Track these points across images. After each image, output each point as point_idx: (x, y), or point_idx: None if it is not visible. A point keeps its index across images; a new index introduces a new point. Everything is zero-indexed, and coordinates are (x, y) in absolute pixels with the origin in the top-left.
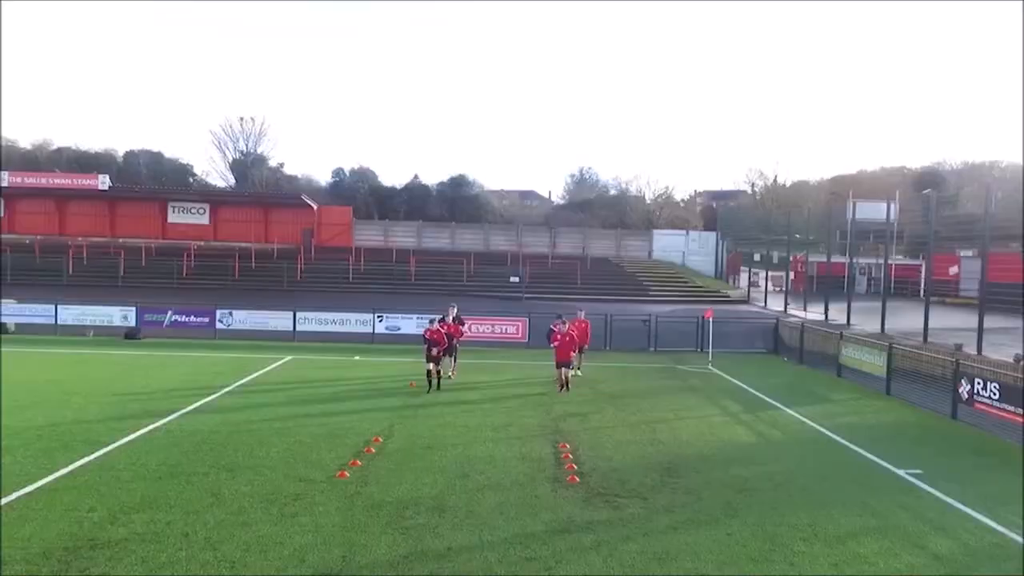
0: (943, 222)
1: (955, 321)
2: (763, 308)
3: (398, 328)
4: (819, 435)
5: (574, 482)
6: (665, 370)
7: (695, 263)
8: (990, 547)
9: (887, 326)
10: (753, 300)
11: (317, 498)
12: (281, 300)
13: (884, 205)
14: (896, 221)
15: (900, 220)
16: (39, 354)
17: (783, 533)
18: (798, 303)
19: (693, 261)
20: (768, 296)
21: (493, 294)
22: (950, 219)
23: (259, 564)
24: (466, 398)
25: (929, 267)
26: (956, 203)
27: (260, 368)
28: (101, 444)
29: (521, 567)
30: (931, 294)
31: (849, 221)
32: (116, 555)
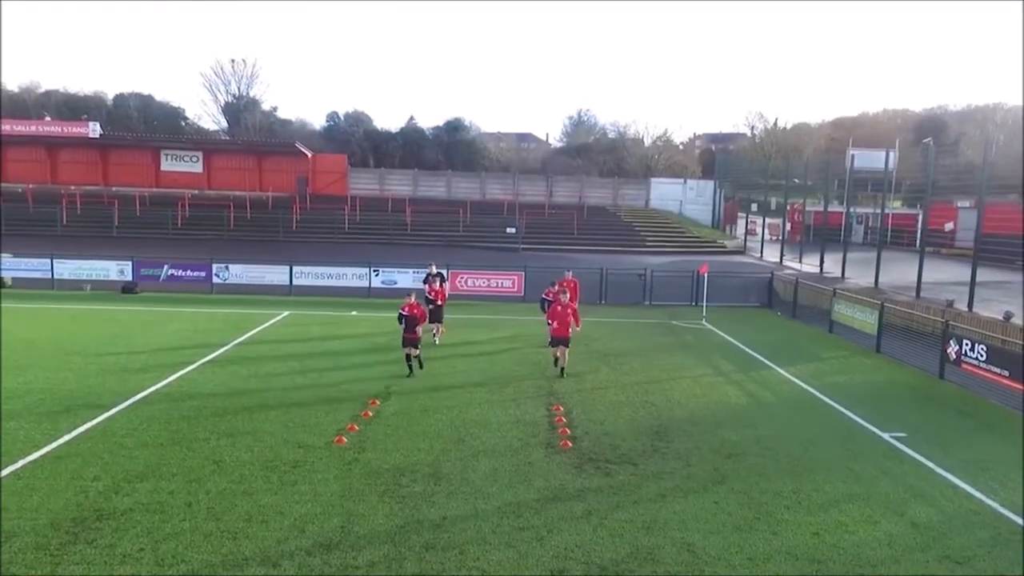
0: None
1: (949, 274)
2: (759, 259)
3: (394, 282)
4: (808, 396)
5: (567, 447)
6: (659, 326)
7: (692, 212)
8: (966, 514)
9: (881, 279)
10: (749, 251)
11: (316, 465)
12: (277, 252)
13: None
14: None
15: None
16: (37, 310)
17: (768, 501)
18: (794, 254)
19: (690, 210)
20: (764, 246)
21: (489, 245)
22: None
23: (260, 534)
24: (462, 357)
25: (926, 218)
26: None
27: (258, 324)
28: (103, 408)
29: (514, 536)
30: (927, 245)
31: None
32: (122, 526)
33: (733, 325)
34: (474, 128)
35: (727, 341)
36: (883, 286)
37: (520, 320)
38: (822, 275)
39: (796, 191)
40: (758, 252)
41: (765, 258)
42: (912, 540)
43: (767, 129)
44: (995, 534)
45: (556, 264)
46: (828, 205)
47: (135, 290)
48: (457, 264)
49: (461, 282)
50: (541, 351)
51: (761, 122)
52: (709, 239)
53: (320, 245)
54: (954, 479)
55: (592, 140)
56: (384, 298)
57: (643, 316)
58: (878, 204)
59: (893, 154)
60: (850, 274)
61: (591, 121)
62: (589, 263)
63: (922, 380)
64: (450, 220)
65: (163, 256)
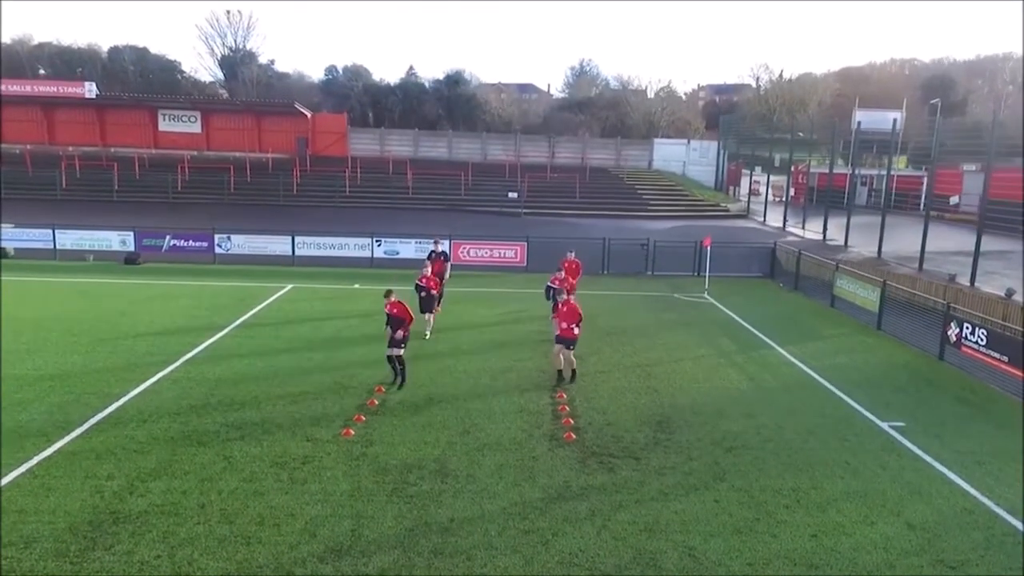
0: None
1: (953, 242)
2: (762, 223)
3: (396, 252)
4: (808, 379)
5: (570, 440)
6: (662, 300)
7: (696, 173)
8: (961, 513)
9: (885, 248)
10: (752, 214)
11: (325, 461)
12: (278, 219)
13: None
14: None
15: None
16: (41, 283)
17: (768, 500)
18: (797, 218)
19: (694, 171)
20: (768, 208)
21: (491, 209)
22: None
23: (273, 539)
24: (464, 339)
25: (932, 184)
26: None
27: (262, 299)
28: (112, 396)
29: (520, 540)
30: (931, 209)
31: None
32: (138, 530)
33: (735, 299)
34: (474, 80)
35: (729, 317)
36: (886, 256)
37: (522, 293)
38: (825, 243)
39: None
40: (761, 216)
41: (768, 223)
42: (907, 543)
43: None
44: (988, 535)
45: (558, 233)
46: (833, 167)
47: (138, 261)
48: (459, 234)
49: (463, 252)
50: (543, 332)
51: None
52: (712, 203)
53: (321, 210)
54: (950, 474)
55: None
56: (386, 268)
57: (645, 288)
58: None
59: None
60: (853, 242)
61: (593, 72)
62: (591, 230)
63: (922, 362)
64: (451, 183)
65: (164, 225)
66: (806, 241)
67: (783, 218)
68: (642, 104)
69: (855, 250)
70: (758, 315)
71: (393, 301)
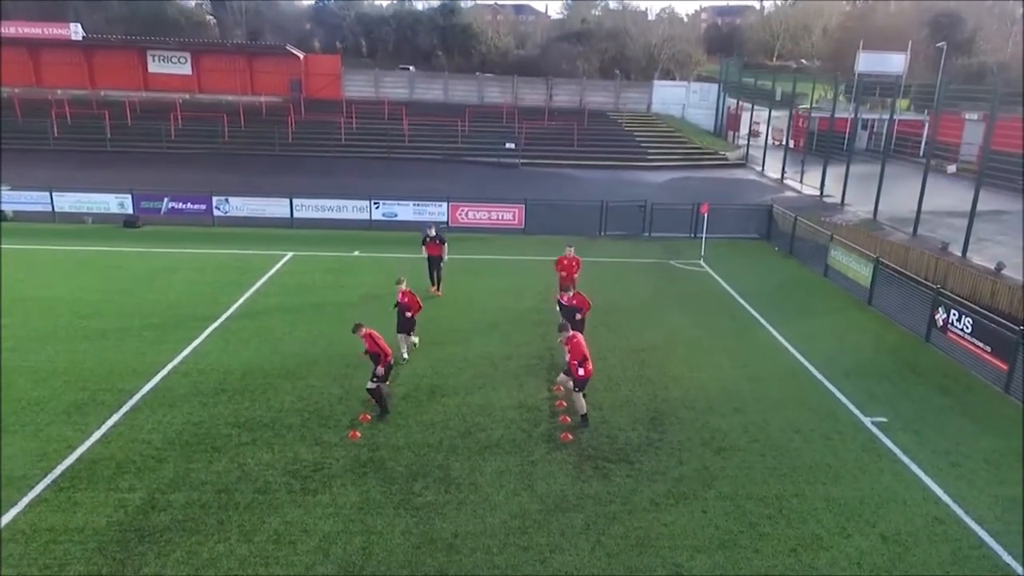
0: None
1: (950, 199)
2: (760, 174)
3: (395, 215)
4: (797, 368)
5: (567, 440)
6: (658, 268)
7: (695, 116)
8: (932, 523)
9: (881, 207)
10: (751, 161)
11: (334, 468)
12: (274, 170)
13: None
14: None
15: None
16: (42, 252)
17: (752, 509)
18: (796, 167)
19: (693, 114)
20: (767, 154)
21: (488, 159)
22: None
23: (289, 559)
24: (466, 319)
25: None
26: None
27: (263, 272)
28: (126, 393)
29: (519, 557)
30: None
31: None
32: (163, 550)
33: (730, 267)
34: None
35: (723, 290)
36: (882, 217)
37: (520, 261)
38: (822, 199)
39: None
40: (760, 164)
41: (767, 173)
42: (879, 557)
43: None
44: (955, 549)
45: (556, 188)
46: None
47: (137, 224)
48: (457, 196)
49: (462, 215)
50: (540, 309)
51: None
52: (710, 150)
53: (317, 160)
54: (926, 478)
55: (594, 25)
56: (384, 230)
57: (642, 254)
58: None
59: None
60: (851, 197)
61: None
62: (589, 185)
63: (909, 344)
64: (448, 130)
65: (160, 179)
66: (803, 197)
67: (782, 168)
68: (642, 35)
69: (851, 209)
70: (752, 287)
71: (364, 333)
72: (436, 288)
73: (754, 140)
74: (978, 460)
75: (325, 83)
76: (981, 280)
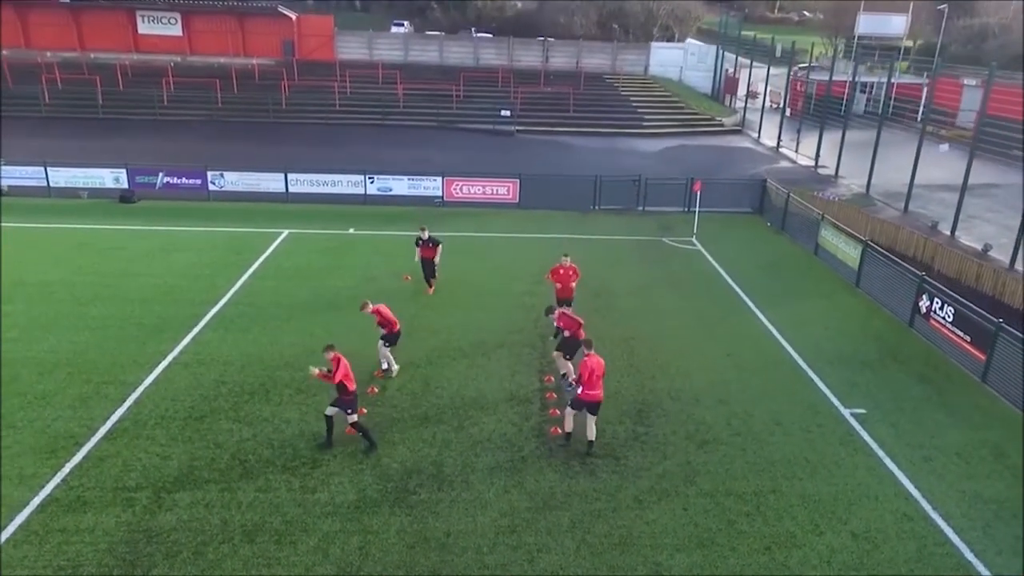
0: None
1: (943, 172)
2: (756, 141)
3: (389, 189)
4: (782, 356)
5: (556, 434)
6: (650, 247)
7: (693, 79)
8: (901, 520)
9: (875, 180)
10: (748, 127)
11: (332, 465)
12: (267, 138)
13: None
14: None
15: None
16: (40, 231)
17: (731, 506)
18: (792, 133)
19: (691, 77)
20: (764, 118)
21: (483, 126)
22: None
23: (291, 559)
24: (460, 305)
25: (931, 95)
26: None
27: (259, 252)
28: (129, 386)
29: (508, 556)
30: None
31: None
32: (170, 551)
33: (722, 245)
34: None
35: (714, 272)
36: (875, 191)
37: (513, 240)
38: (816, 171)
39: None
40: (756, 130)
41: (762, 140)
42: (848, 555)
43: None
44: (921, 546)
45: (551, 157)
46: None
47: (133, 199)
48: (452, 171)
49: (456, 189)
50: (532, 292)
51: None
52: (707, 116)
53: (310, 127)
54: (898, 473)
55: None
56: (379, 205)
57: (635, 230)
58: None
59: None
60: (845, 169)
61: None
62: (584, 153)
63: (893, 330)
64: (443, 95)
65: (156, 154)
66: (797, 168)
67: (778, 135)
68: None
69: (845, 182)
70: (743, 268)
71: (332, 356)
72: (430, 288)
73: (752, 103)
74: (950, 454)
75: (318, 44)
76: (967, 262)
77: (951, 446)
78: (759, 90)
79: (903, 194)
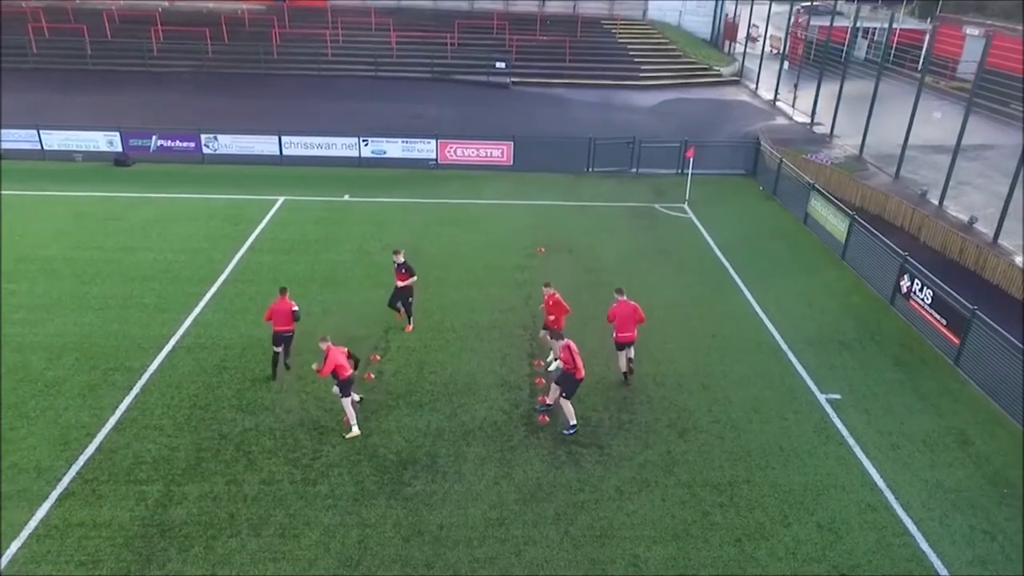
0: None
1: (938, 132)
2: (753, 93)
3: (383, 152)
4: (764, 338)
5: (544, 422)
6: (642, 215)
7: (692, 24)
8: (864, 511)
9: (870, 138)
10: (746, 77)
11: (332, 457)
12: (260, 90)
13: None
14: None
15: None
16: (37, 200)
17: (706, 497)
18: (791, 83)
19: (690, 22)
20: (763, 66)
21: (478, 78)
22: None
23: (294, 553)
24: (449, 282)
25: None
26: None
27: (256, 222)
28: (135, 372)
29: (497, 549)
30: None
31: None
32: (183, 545)
33: (713, 213)
34: None
35: (704, 243)
36: (868, 152)
37: (506, 207)
38: (812, 128)
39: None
40: (754, 80)
41: (760, 92)
42: (812, 547)
43: None
44: (881, 537)
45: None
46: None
47: (128, 162)
48: (445, 131)
49: (450, 152)
50: (523, 266)
51: None
52: (704, 65)
53: (303, 79)
54: (866, 462)
55: None
56: (373, 168)
57: (628, 196)
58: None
59: None
60: (841, 127)
61: None
62: (579, 108)
63: (873, 308)
64: (437, 45)
65: (147, 107)
66: (793, 126)
67: (775, 87)
68: None
69: (839, 142)
70: (732, 238)
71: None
72: (408, 324)
73: (751, 47)
74: (917, 442)
75: None
76: (952, 235)
77: (919, 433)
78: (759, 33)
79: (896, 156)
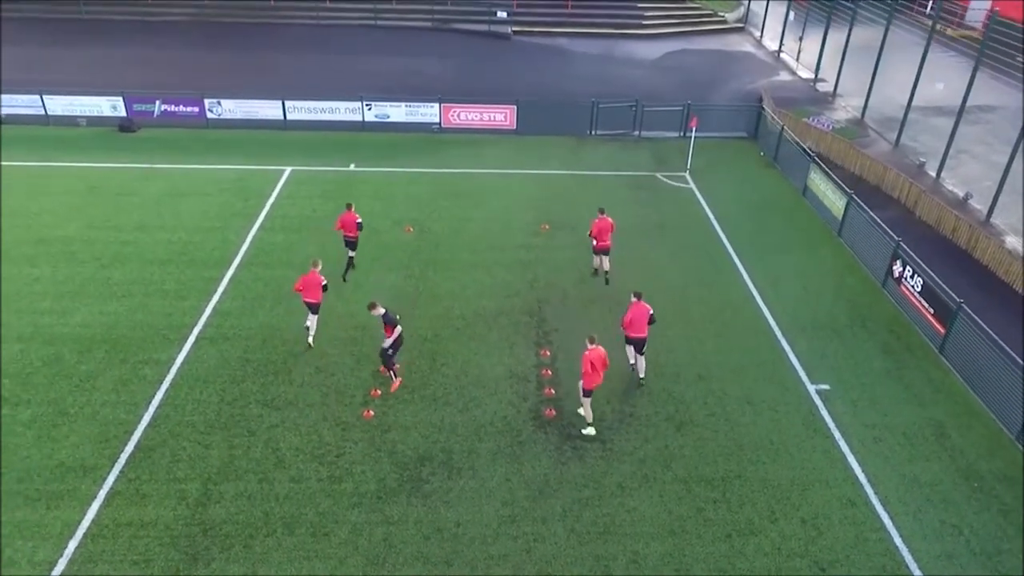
0: None
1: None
2: (758, 43)
3: (387, 116)
4: (760, 324)
5: (551, 416)
6: (643, 186)
7: None
8: (845, 506)
9: (873, 98)
10: (751, 23)
11: (355, 454)
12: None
13: None
14: None
15: None
16: (46, 171)
17: (700, 493)
18: (796, 32)
19: None
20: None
21: (478, 30)
22: None
23: (326, 552)
24: (455, 265)
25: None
26: None
27: (265, 196)
28: (162, 364)
29: (509, 546)
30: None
31: None
32: (224, 544)
33: (714, 181)
34: None
35: (704, 217)
36: (870, 115)
37: (509, 177)
38: (815, 86)
39: None
40: (759, 27)
41: (765, 42)
42: (795, 543)
43: None
44: (858, 533)
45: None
46: None
47: (133, 128)
48: (448, 98)
49: (454, 116)
50: (529, 245)
51: None
52: (709, 11)
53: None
54: (850, 457)
55: None
56: (377, 132)
57: (630, 163)
58: None
59: None
60: (845, 84)
61: None
62: (582, 61)
63: (866, 291)
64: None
65: (147, 64)
66: (796, 83)
67: (780, 36)
68: None
69: (842, 102)
70: (732, 211)
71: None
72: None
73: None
74: (898, 435)
75: None
76: (945, 212)
77: (901, 425)
78: None
79: (899, 119)
